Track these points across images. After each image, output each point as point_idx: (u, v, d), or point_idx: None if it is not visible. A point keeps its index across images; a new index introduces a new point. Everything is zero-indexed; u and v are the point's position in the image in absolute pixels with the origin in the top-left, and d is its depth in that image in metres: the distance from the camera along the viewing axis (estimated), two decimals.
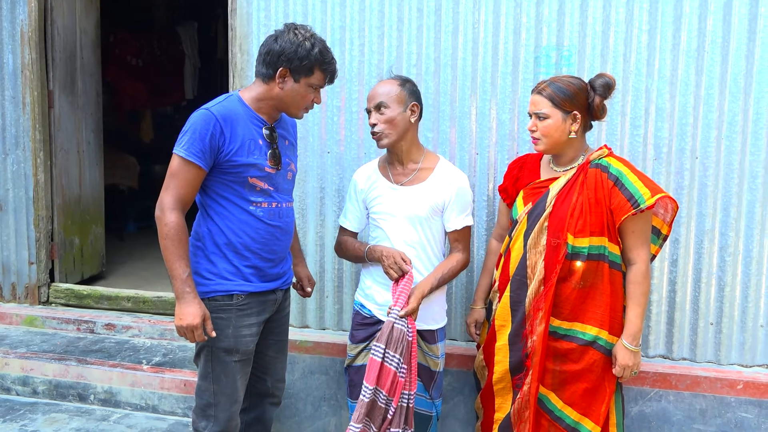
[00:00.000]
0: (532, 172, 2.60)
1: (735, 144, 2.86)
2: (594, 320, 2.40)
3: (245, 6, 3.29)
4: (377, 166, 2.65)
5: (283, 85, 2.24)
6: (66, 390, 3.39)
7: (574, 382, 2.45)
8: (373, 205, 2.61)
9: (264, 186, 2.28)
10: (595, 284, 2.39)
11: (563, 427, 2.47)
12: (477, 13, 3.04)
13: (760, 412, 2.85)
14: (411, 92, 2.51)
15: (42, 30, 3.84)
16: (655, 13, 2.87)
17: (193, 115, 2.20)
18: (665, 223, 2.49)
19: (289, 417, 3.30)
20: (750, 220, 2.88)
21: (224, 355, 2.28)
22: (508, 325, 2.53)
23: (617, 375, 2.42)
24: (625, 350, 2.39)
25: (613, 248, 2.39)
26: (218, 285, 2.26)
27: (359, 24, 3.17)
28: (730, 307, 2.94)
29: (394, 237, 2.55)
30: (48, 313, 3.85)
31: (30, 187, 3.84)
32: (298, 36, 2.21)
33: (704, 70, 2.86)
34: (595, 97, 2.40)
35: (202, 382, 2.33)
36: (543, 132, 2.41)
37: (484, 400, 2.67)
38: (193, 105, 7.30)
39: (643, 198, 2.30)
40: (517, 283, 2.49)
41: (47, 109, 3.91)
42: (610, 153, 2.46)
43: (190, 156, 2.16)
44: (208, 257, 2.27)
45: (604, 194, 2.37)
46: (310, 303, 3.33)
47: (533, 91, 2.46)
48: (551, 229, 2.42)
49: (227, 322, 2.28)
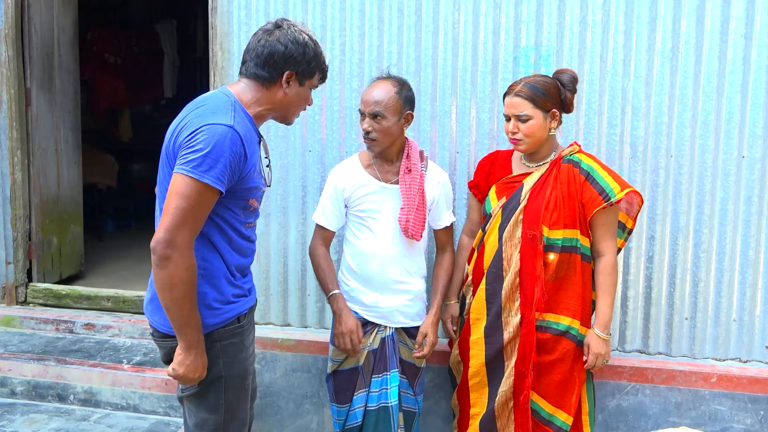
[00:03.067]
0: (504, 167, 2.67)
1: (708, 143, 2.93)
2: (567, 311, 2.49)
3: (226, 4, 3.29)
4: (360, 164, 2.63)
5: (289, 90, 2.02)
6: (45, 390, 3.36)
7: (547, 373, 2.52)
8: (358, 203, 2.59)
9: (256, 205, 2.10)
10: (568, 276, 2.49)
11: (538, 419, 2.54)
12: (457, 14, 3.07)
13: (733, 405, 2.92)
14: (406, 100, 2.52)
15: (19, 27, 3.79)
16: (630, 15, 2.93)
17: (214, 132, 1.85)
18: (630, 218, 2.60)
19: (271, 415, 3.31)
20: (723, 217, 2.95)
21: (239, 381, 2.08)
22: (483, 318, 2.59)
23: (590, 364, 2.50)
24: (597, 339, 2.48)
25: (584, 241, 2.49)
26: (229, 312, 2.03)
27: (340, 23, 3.18)
28: (704, 303, 3.00)
29: (382, 235, 2.56)
30: (26, 313, 3.80)
31: (7, 186, 3.79)
32: (302, 35, 2.01)
33: (679, 70, 2.92)
34: (566, 93, 2.49)
35: (209, 415, 2.06)
36: (526, 133, 2.47)
37: (460, 396, 2.72)
38: (172, 103, 7.28)
39: (614, 192, 2.41)
40: (493, 275, 2.56)
41: (24, 107, 3.87)
42: (580, 149, 2.56)
43: (217, 183, 1.84)
44: (215, 285, 2.00)
45: (577, 188, 2.47)
46: (292, 302, 3.34)
47: (508, 93, 2.51)
48: (526, 222, 2.50)
49: (240, 346, 2.07)
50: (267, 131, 3.27)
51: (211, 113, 1.90)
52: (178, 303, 1.86)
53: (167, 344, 2.05)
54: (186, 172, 1.83)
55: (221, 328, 2.01)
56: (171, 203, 1.83)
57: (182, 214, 1.82)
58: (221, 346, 2.02)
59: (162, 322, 2.03)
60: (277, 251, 3.32)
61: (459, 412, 2.75)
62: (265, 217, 3.30)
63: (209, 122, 1.87)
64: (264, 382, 3.28)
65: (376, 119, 2.47)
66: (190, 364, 1.93)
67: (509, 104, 2.49)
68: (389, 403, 2.58)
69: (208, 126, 1.86)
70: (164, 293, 1.86)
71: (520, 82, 2.50)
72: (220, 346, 2.02)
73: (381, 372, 2.60)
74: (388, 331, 2.62)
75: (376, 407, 2.60)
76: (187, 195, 1.82)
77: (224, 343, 2.03)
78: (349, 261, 2.64)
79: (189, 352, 1.92)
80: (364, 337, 2.60)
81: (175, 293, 1.85)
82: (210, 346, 1.99)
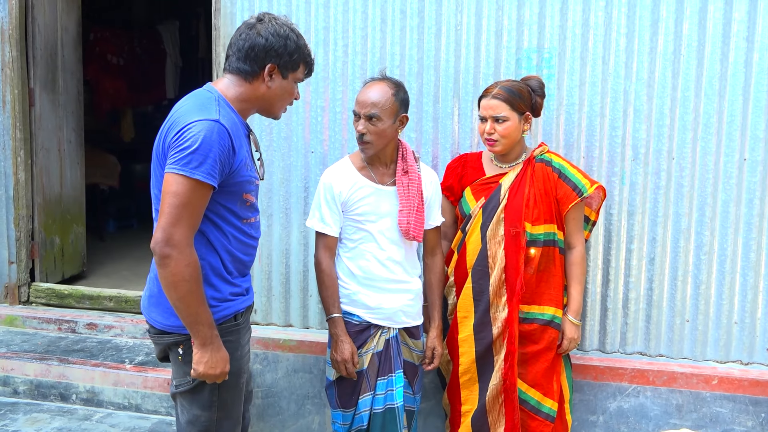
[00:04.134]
0: (475, 169, 2.77)
1: (710, 145, 2.94)
2: (550, 301, 2.64)
3: (229, 6, 3.30)
4: (353, 166, 2.58)
5: (272, 83, 2.02)
6: (47, 390, 3.37)
7: (534, 363, 2.63)
8: (356, 207, 2.54)
9: (253, 200, 2.09)
10: (548, 268, 2.64)
11: (528, 409, 2.65)
12: (459, 15, 3.08)
13: (734, 407, 2.92)
14: (402, 102, 2.51)
15: (23, 27, 3.81)
16: (632, 17, 2.94)
17: (201, 128, 1.86)
18: (593, 210, 2.76)
19: (272, 415, 3.31)
20: (725, 219, 2.96)
21: (233, 379, 2.07)
22: (471, 316, 2.67)
23: (564, 349, 2.67)
24: (571, 324, 2.66)
25: (560, 234, 2.65)
26: (225, 309, 2.04)
27: (343, 25, 3.19)
28: (705, 305, 3.01)
29: (381, 237, 2.55)
30: (28, 312, 3.81)
31: (10, 186, 3.80)
32: (283, 28, 2.01)
33: (681, 72, 2.93)
34: (536, 98, 2.64)
35: (202, 412, 2.05)
36: (502, 134, 2.57)
37: (451, 394, 2.78)
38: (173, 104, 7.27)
39: (585, 187, 2.60)
40: (479, 273, 2.65)
41: (28, 107, 3.88)
42: (548, 149, 2.71)
43: (208, 178, 1.85)
44: (211, 283, 2.01)
45: (551, 185, 2.62)
46: (294, 302, 3.35)
47: (485, 96, 2.61)
48: (508, 220, 2.61)
49: (235, 344, 2.08)
50: (269, 132, 3.28)
51: (196, 110, 1.92)
52: (185, 301, 1.87)
53: (162, 341, 2.07)
54: (176, 170, 1.84)
55: (218, 326, 2.01)
56: (165, 202, 1.85)
57: (177, 212, 1.84)
58: None
59: (158, 319, 2.04)
60: (279, 252, 3.32)
61: (450, 410, 2.80)
62: (268, 217, 3.31)
63: (195, 119, 1.88)
64: (265, 382, 3.29)
65: (371, 121, 2.44)
66: (208, 361, 1.93)
67: (486, 106, 2.59)
68: (395, 404, 2.57)
69: (194, 123, 1.87)
70: (170, 292, 1.88)
71: (496, 85, 2.61)
72: None
73: (386, 374, 2.57)
74: (392, 333, 2.59)
75: (383, 409, 2.57)
76: (179, 193, 1.84)
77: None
78: (348, 264, 2.59)
79: (205, 349, 1.92)
80: (368, 341, 2.59)
81: (180, 291, 1.86)
82: None
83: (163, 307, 2.00)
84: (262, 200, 3.26)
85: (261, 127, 3.26)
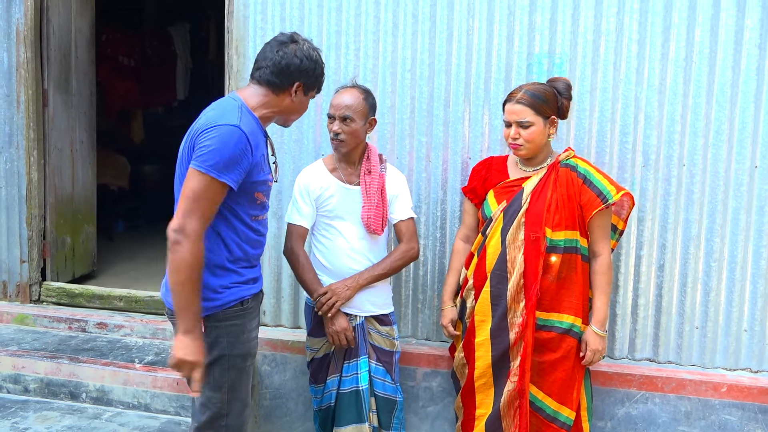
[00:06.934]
0: (500, 172, 2.75)
1: (721, 152, 2.93)
2: (570, 309, 2.58)
3: (242, 9, 3.33)
4: (325, 168, 2.80)
5: (296, 98, 2.26)
6: (58, 388, 3.39)
7: (551, 371, 2.59)
8: (326, 204, 2.77)
9: (263, 199, 2.28)
10: (570, 276, 2.58)
11: (543, 416, 2.62)
12: (471, 20, 3.09)
13: (743, 415, 2.91)
14: (371, 106, 2.73)
15: (38, 29, 3.84)
16: (644, 23, 2.94)
17: (222, 132, 2.06)
18: (621, 219, 2.70)
19: (280, 417, 3.32)
20: (735, 226, 2.95)
21: (240, 361, 2.26)
22: (488, 320, 2.65)
23: (587, 360, 2.59)
24: (595, 336, 2.58)
25: (583, 242, 2.58)
26: (231, 295, 2.22)
27: (355, 29, 3.21)
28: (715, 312, 3.00)
29: (348, 233, 2.76)
30: (39, 311, 3.84)
31: (23, 186, 3.84)
32: (314, 52, 2.26)
33: (692, 79, 2.93)
34: (563, 101, 2.59)
35: (213, 393, 2.23)
36: (527, 139, 2.55)
37: (465, 398, 2.76)
38: (184, 106, 7.34)
39: (611, 194, 2.52)
40: (498, 277, 2.62)
41: (41, 107, 3.91)
42: (575, 154, 2.66)
43: (223, 177, 2.05)
44: (215, 273, 2.19)
45: (575, 191, 2.56)
46: (302, 304, 3.36)
47: (509, 100, 2.59)
48: (528, 224, 2.57)
49: (241, 328, 2.25)
50: (281, 135, 3.30)
51: (220, 115, 2.13)
52: (182, 286, 2.04)
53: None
54: (196, 167, 2.06)
55: (225, 309, 2.20)
56: (184, 194, 2.07)
57: (191, 203, 2.04)
58: (224, 326, 2.20)
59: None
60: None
61: (463, 414, 2.79)
62: (278, 219, 3.32)
63: (218, 123, 2.09)
64: (274, 383, 3.30)
65: (345, 122, 2.66)
66: (186, 347, 2.07)
67: (511, 111, 2.57)
68: (359, 387, 2.77)
69: (217, 126, 2.08)
70: (172, 276, 2.06)
71: (520, 89, 2.58)
72: (224, 326, 2.20)
73: (352, 358, 2.79)
74: (358, 320, 2.79)
75: (348, 391, 2.79)
76: (196, 187, 2.05)
77: (227, 324, 2.21)
78: (319, 258, 2.81)
79: (186, 336, 2.07)
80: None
81: (181, 276, 2.04)
82: (214, 325, 2.18)
83: None
84: (273, 202, 3.28)
85: (273, 131, 3.26)
